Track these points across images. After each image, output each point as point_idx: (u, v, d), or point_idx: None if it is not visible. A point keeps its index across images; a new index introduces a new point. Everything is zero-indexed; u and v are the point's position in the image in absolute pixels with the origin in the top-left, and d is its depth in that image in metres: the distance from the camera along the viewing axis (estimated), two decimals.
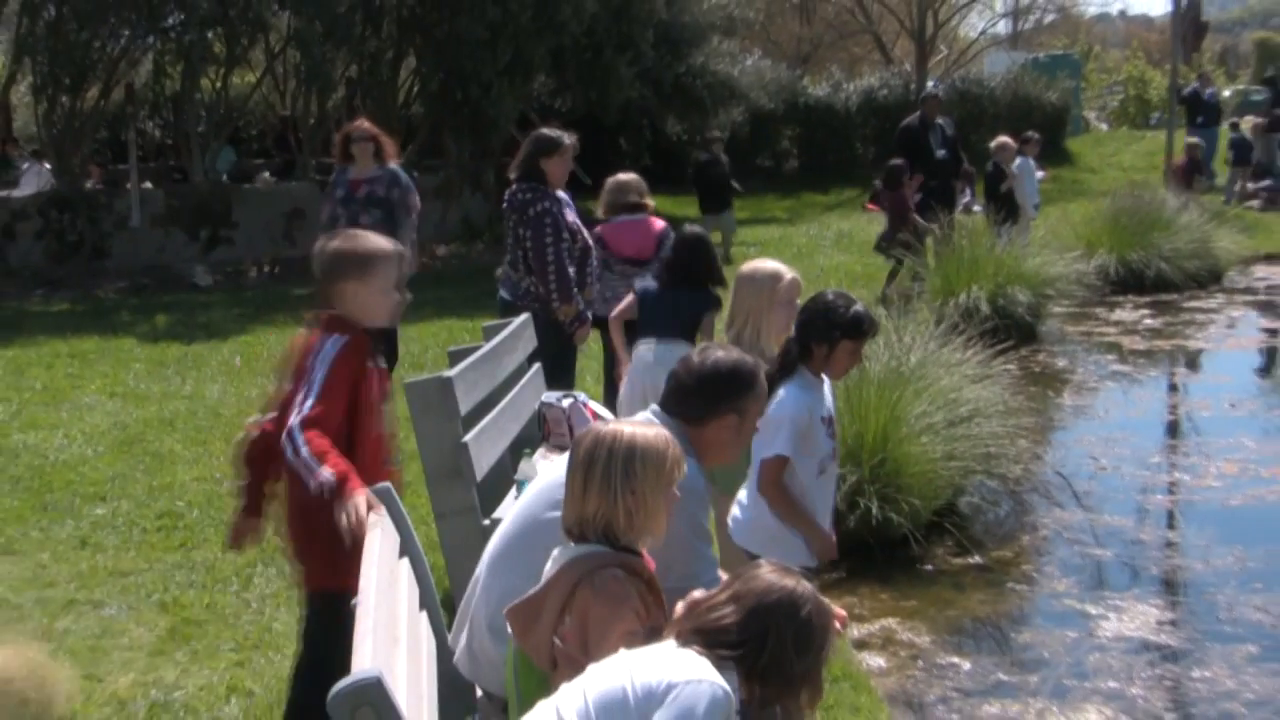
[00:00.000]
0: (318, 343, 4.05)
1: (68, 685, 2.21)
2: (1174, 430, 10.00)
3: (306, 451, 3.77)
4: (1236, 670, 5.50)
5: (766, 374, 4.30)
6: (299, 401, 3.92)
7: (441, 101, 19.64)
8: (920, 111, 15.17)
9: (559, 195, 7.45)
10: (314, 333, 4.12)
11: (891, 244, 13.67)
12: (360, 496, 3.68)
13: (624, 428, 3.17)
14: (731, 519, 4.71)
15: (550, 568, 3.12)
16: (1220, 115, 25.04)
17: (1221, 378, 11.73)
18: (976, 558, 6.91)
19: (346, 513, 3.66)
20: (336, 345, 4.02)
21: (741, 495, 4.65)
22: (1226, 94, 33.55)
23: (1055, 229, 15.85)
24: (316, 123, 20.33)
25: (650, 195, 8.29)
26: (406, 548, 3.74)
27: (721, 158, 17.90)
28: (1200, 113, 23.84)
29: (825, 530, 4.60)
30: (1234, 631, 5.91)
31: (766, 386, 3.72)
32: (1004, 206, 15.08)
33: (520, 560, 3.50)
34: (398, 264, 4.21)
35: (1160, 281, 15.35)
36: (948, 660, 5.72)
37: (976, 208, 16.68)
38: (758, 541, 4.50)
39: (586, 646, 2.95)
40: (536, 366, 6.73)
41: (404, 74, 21.54)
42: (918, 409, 7.28)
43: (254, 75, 22.64)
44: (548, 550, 3.24)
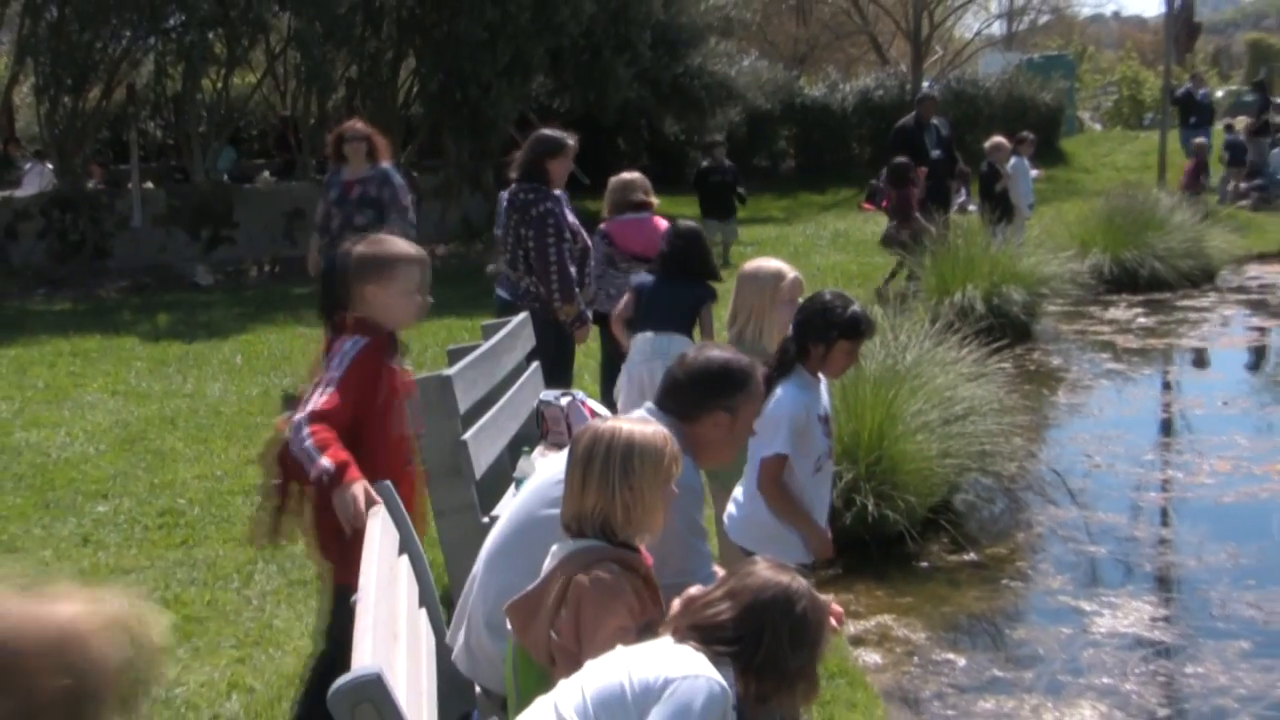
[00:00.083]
0: (340, 343, 4.11)
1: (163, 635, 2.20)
2: (1167, 428, 10.01)
3: (309, 442, 3.79)
4: (1229, 666, 5.50)
5: (764, 373, 4.30)
6: (312, 396, 3.98)
7: (441, 102, 19.62)
8: (916, 111, 15.20)
9: (559, 195, 7.45)
10: (340, 334, 4.17)
11: (894, 241, 13.68)
12: (358, 486, 3.70)
13: (622, 425, 3.17)
14: (727, 516, 4.71)
15: (549, 563, 3.12)
16: (1213, 116, 25.06)
17: (1214, 376, 11.75)
18: (972, 555, 6.91)
19: (344, 502, 3.69)
20: (356, 346, 4.08)
21: (737, 493, 4.65)
22: (1219, 95, 33.58)
23: (1050, 228, 15.84)
24: (317, 123, 20.29)
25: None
26: (406, 545, 3.74)
27: (725, 163, 17.69)
28: (1193, 113, 23.86)
29: (822, 528, 4.61)
30: (1227, 628, 5.91)
31: (763, 387, 3.71)
32: (999, 206, 15.09)
33: (517, 558, 3.50)
34: (421, 268, 4.25)
35: (1154, 280, 15.35)
36: (943, 656, 5.72)
37: (972, 207, 16.71)
38: (754, 539, 4.50)
39: (580, 640, 2.95)
40: (535, 365, 6.73)
41: (404, 74, 21.51)
42: (913, 407, 7.28)
43: (254, 76, 22.61)
44: (544, 548, 3.24)
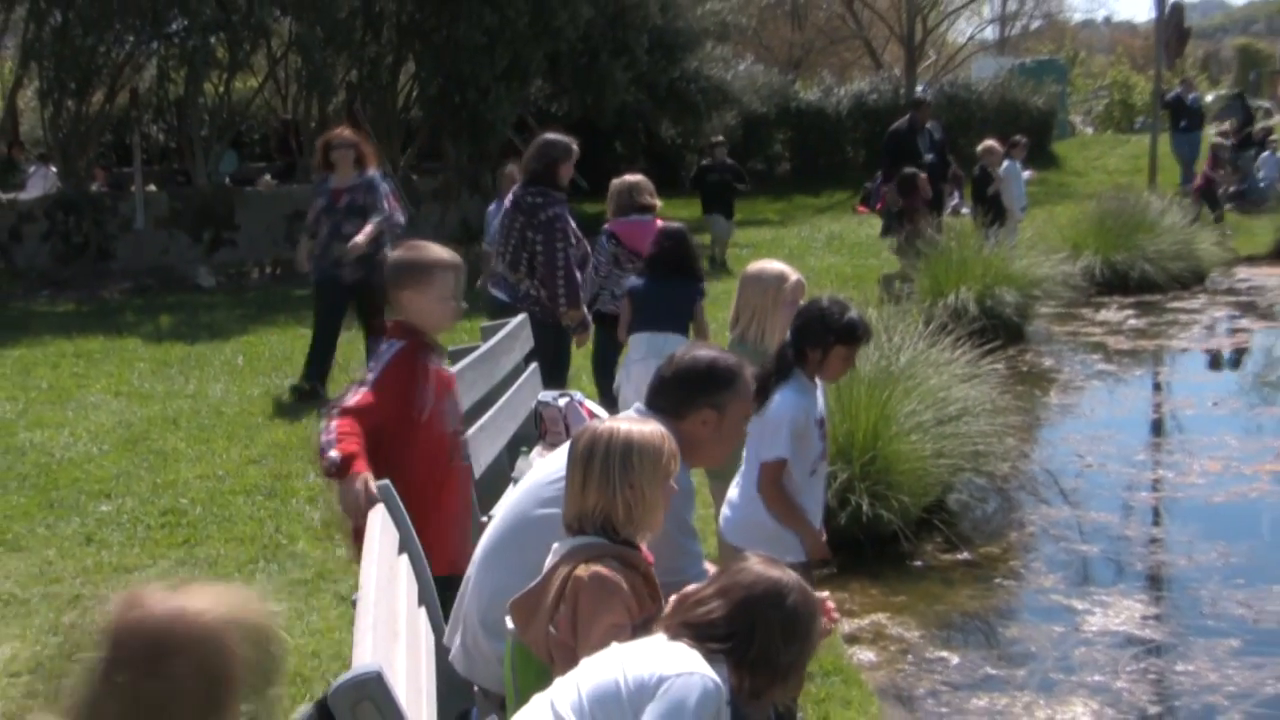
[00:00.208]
0: (379, 346, 4.30)
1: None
2: (1158, 428, 10.01)
3: (328, 436, 3.91)
4: (1219, 664, 5.50)
5: (762, 374, 4.30)
6: (347, 395, 4.12)
7: (440, 105, 19.60)
8: (910, 115, 15.17)
9: (564, 199, 7.48)
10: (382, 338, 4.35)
11: (908, 246, 13.65)
12: (360, 479, 3.78)
13: (620, 424, 3.17)
14: (722, 518, 4.70)
15: (551, 560, 3.12)
16: (1203, 120, 25.06)
17: (1204, 377, 11.75)
18: (965, 554, 6.91)
19: (345, 494, 3.79)
20: (393, 348, 4.24)
21: (732, 494, 4.63)
22: (1209, 99, 33.56)
23: (1042, 231, 15.85)
24: (318, 126, 20.24)
25: None
26: (406, 545, 3.74)
27: (725, 161, 17.75)
28: (1183, 117, 23.87)
29: (818, 531, 4.60)
30: (1217, 626, 5.92)
31: (751, 386, 3.70)
32: (991, 209, 15.09)
33: (511, 557, 3.49)
34: (456, 273, 4.38)
35: (1144, 283, 15.36)
36: (937, 654, 5.72)
37: (965, 210, 16.71)
38: (749, 539, 4.49)
39: (575, 635, 2.95)
40: (533, 366, 6.73)
41: (403, 78, 21.50)
42: (907, 407, 7.28)
43: (256, 80, 22.58)
44: (538, 547, 3.23)
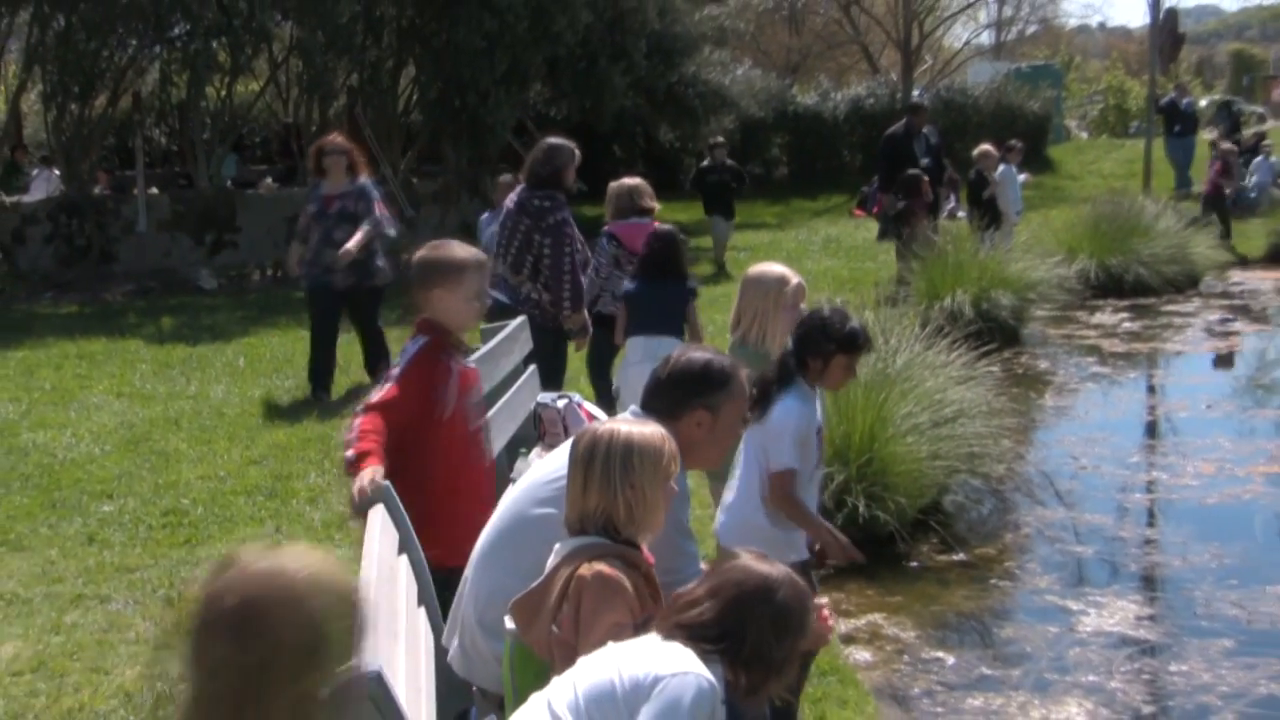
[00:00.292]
0: (406, 345, 4.38)
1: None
2: (1152, 430, 10.01)
3: (351, 434, 4.03)
4: (1213, 664, 5.50)
5: (763, 381, 4.30)
6: (375, 392, 4.24)
7: (440, 109, 19.60)
8: (906, 120, 15.12)
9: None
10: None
11: (909, 246, 13.65)
12: (366, 474, 3.85)
13: (620, 426, 3.17)
14: (718, 522, 4.68)
15: (552, 560, 3.11)
16: (1197, 124, 25.09)
17: (1198, 379, 11.75)
18: (960, 555, 6.92)
19: (351, 488, 3.89)
20: (418, 345, 4.33)
21: (727, 497, 4.62)
22: (1203, 104, 33.58)
23: (1037, 234, 15.84)
24: (318, 130, 20.21)
25: None
26: (405, 545, 3.73)
27: (725, 162, 17.62)
28: (1177, 122, 23.89)
29: (841, 535, 4.59)
30: (1210, 626, 5.92)
31: (746, 388, 3.69)
32: (987, 213, 15.09)
33: (508, 558, 3.49)
34: (482, 273, 4.49)
35: (1139, 286, 15.37)
36: (932, 654, 5.72)
37: (961, 214, 16.69)
38: (745, 542, 4.44)
39: (578, 633, 2.94)
40: (532, 368, 6.73)
41: (404, 82, 21.50)
42: (904, 410, 7.28)
43: (257, 84, 22.58)
44: (535, 547, 3.23)
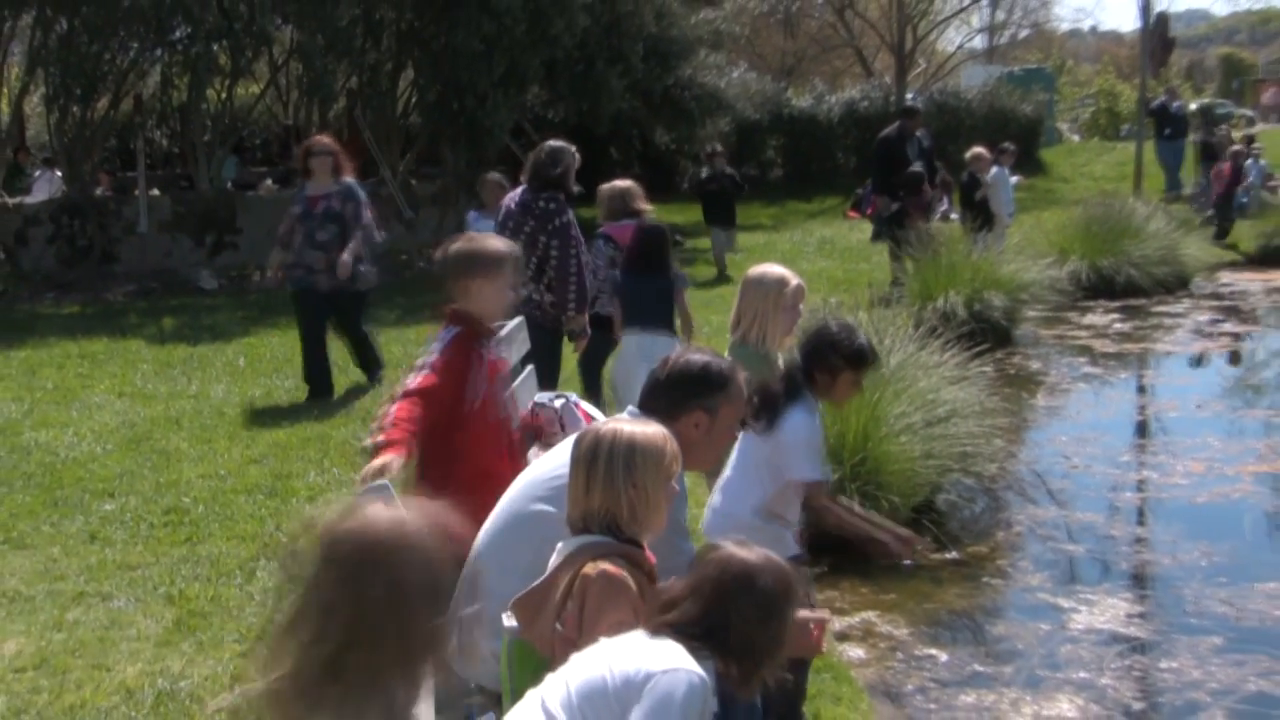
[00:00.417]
0: (439, 334, 4.50)
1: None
2: (1143, 430, 10.03)
3: (385, 420, 4.16)
4: (1202, 661, 5.51)
5: (768, 393, 4.30)
6: (410, 379, 4.35)
7: (439, 111, 19.58)
8: (899, 122, 15.07)
9: None
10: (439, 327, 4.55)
11: (906, 242, 13.66)
12: (377, 461, 3.95)
13: (623, 425, 3.16)
14: (705, 522, 4.67)
15: (555, 559, 3.11)
16: (1187, 127, 25.13)
17: (1188, 379, 11.77)
18: (953, 553, 6.92)
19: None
20: (450, 334, 4.46)
21: (714, 498, 4.61)
22: (1193, 107, 33.62)
23: (1029, 236, 15.85)
24: (318, 132, 20.25)
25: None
26: None
27: (724, 170, 17.29)
28: (1168, 125, 23.93)
29: (899, 528, 4.64)
30: (1200, 624, 5.93)
31: (744, 391, 3.70)
32: (980, 214, 15.10)
33: (506, 556, 3.49)
34: (515, 265, 4.66)
35: (1130, 287, 15.39)
36: (925, 652, 5.73)
37: (954, 216, 16.71)
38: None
39: (581, 632, 2.94)
40: (530, 369, 6.72)
41: (403, 85, 21.48)
42: (897, 409, 7.29)
43: (258, 86, 22.58)
44: (533, 544, 3.22)
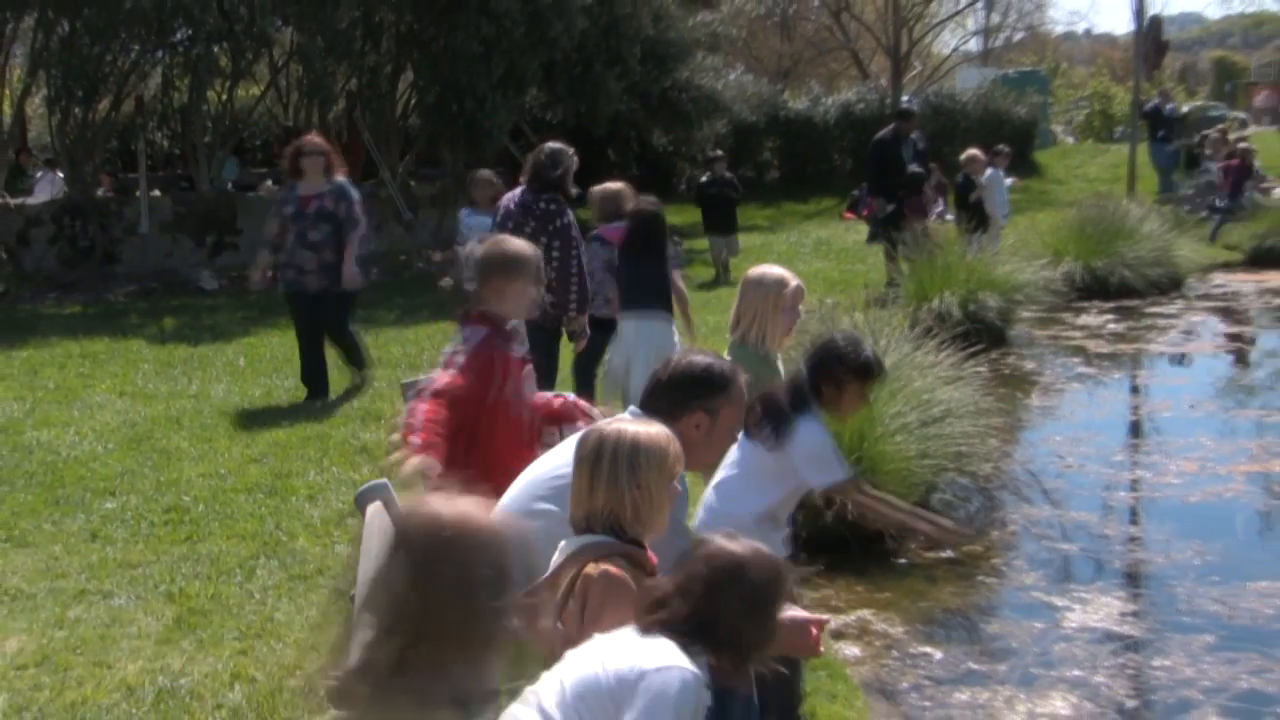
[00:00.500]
0: (464, 333, 4.52)
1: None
2: (1136, 430, 10.03)
3: (413, 419, 4.23)
4: (1195, 659, 5.51)
5: (775, 406, 4.30)
6: (438, 378, 4.40)
7: (438, 113, 19.58)
8: (894, 125, 15.07)
9: None
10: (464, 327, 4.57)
11: (905, 241, 13.67)
12: (420, 459, 4.04)
13: (626, 426, 3.16)
14: (698, 520, 4.67)
15: (557, 558, 3.11)
16: (1180, 130, 25.14)
17: (1181, 380, 11.77)
18: (948, 552, 6.91)
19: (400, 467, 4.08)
20: (478, 335, 4.47)
21: (709, 498, 4.61)
22: (1186, 109, 33.63)
23: (1024, 237, 15.87)
24: (318, 133, 20.24)
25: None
26: None
27: (724, 175, 17.06)
28: (1161, 127, 23.94)
29: (942, 519, 4.77)
30: (1193, 622, 5.93)
31: (745, 393, 3.70)
32: (975, 216, 15.12)
33: None
34: (539, 266, 4.72)
35: (1123, 288, 15.39)
36: (920, 650, 5.73)
37: (949, 217, 16.72)
38: None
39: (582, 631, 2.94)
40: (527, 368, 6.72)
41: (402, 87, 21.48)
42: (892, 409, 7.29)
43: (258, 88, 22.55)
44: (536, 541, 3.22)
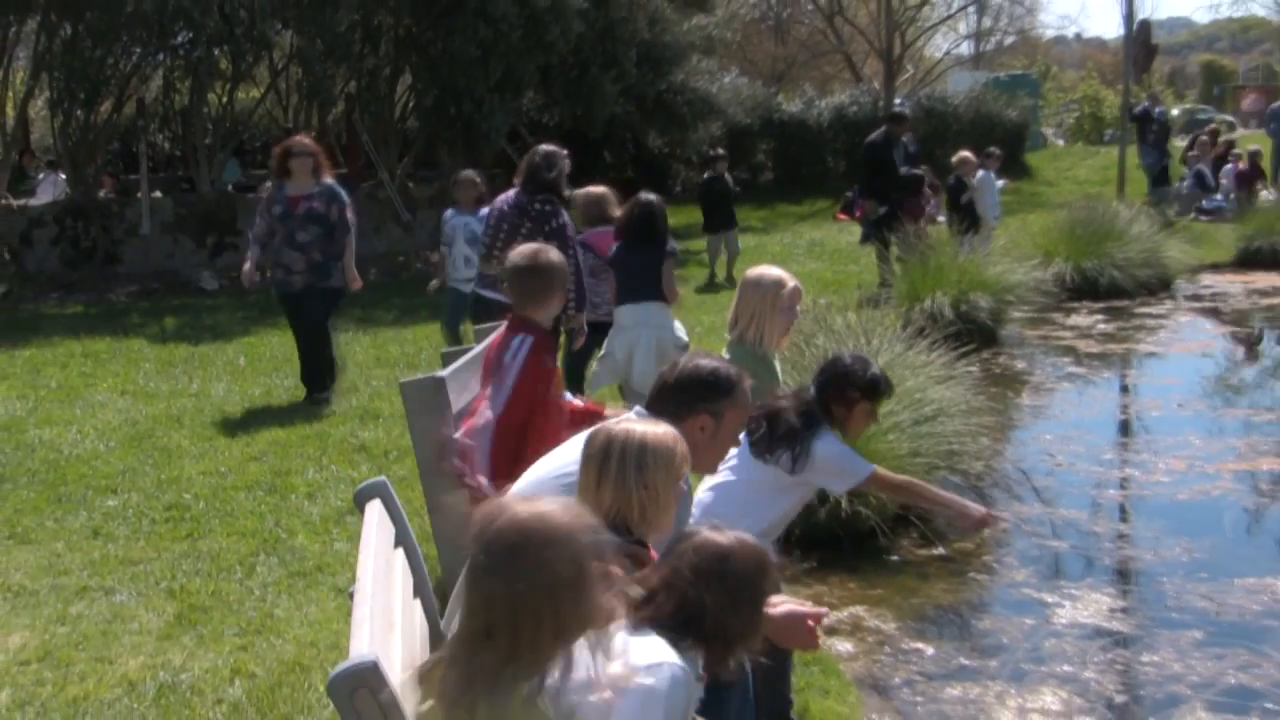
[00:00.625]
0: (511, 341, 4.47)
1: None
2: (1126, 429, 10.03)
3: (471, 450, 4.31)
4: (1183, 654, 5.52)
5: (788, 427, 4.31)
6: (494, 396, 4.39)
7: (436, 116, 19.58)
8: (885, 128, 15.07)
9: None
10: (504, 332, 4.56)
11: (888, 239, 13.67)
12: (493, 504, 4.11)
13: (634, 426, 3.16)
14: (694, 520, 4.68)
15: None
16: (1169, 133, 25.17)
17: (1170, 379, 11.76)
18: (940, 549, 6.92)
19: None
20: (525, 345, 4.41)
21: (705, 498, 4.62)
22: (1175, 113, 33.71)
23: (1015, 239, 15.87)
24: (317, 136, 20.18)
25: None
26: (401, 539, 3.73)
27: (725, 176, 17.00)
28: (1151, 130, 23.93)
29: (972, 504, 4.79)
30: (1181, 618, 5.93)
31: (750, 398, 3.71)
32: (966, 217, 15.13)
33: None
34: (566, 273, 4.79)
35: (1113, 288, 15.40)
36: (912, 645, 5.73)
37: (940, 218, 16.72)
38: None
39: None
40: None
41: (400, 89, 21.48)
42: (885, 408, 7.25)
43: (258, 91, 22.54)
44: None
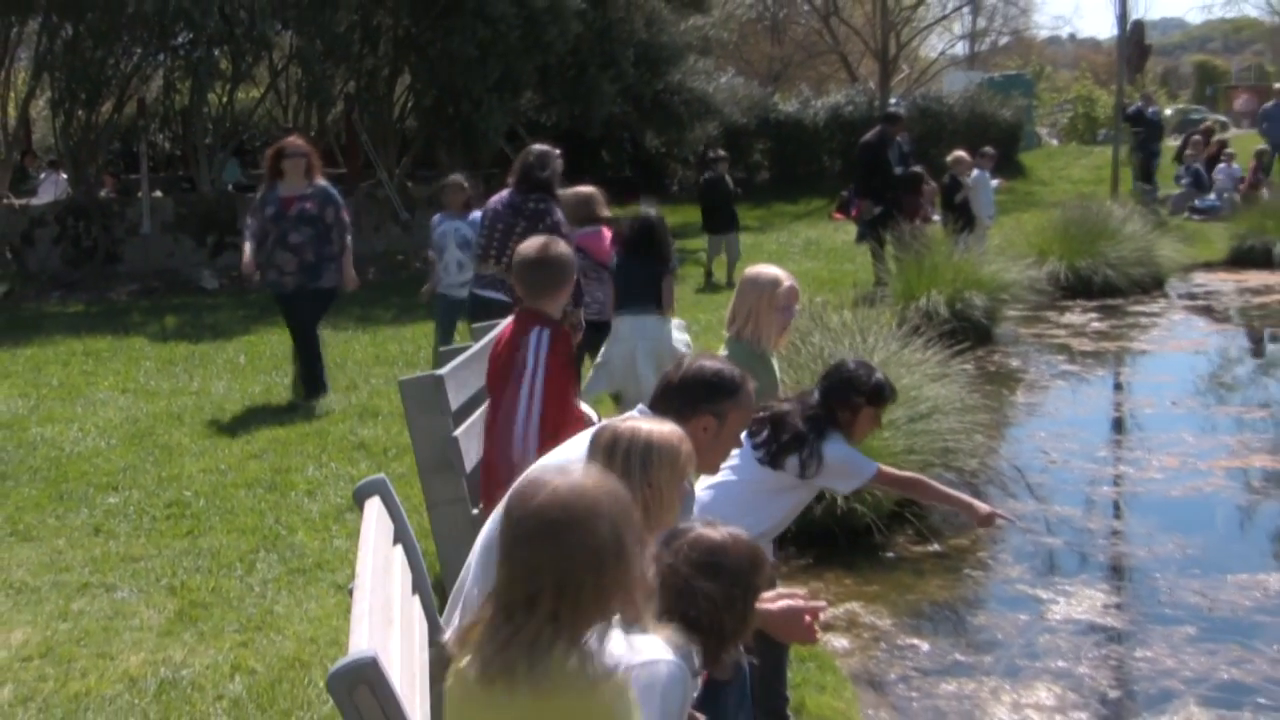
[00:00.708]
0: (527, 338, 4.40)
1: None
2: (1119, 426, 10.04)
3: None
4: (1176, 650, 5.52)
5: (795, 433, 4.31)
6: (531, 400, 4.33)
7: (434, 116, 19.57)
8: (880, 128, 15.04)
9: None
10: (514, 327, 4.48)
11: (883, 237, 13.66)
12: None
13: (640, 424, 3.15)
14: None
15: None
16: (1162, 132, 25.19)
17: (1163, 377, 11.77)
18: (935, 545, 6.93)
19: None
20: (545, 337, 4.34)
21: (704, 497, 4.63)
22: (1168, 112, 33.72)
23: (1009, 238, 15.89)
24: (317, 135, 20.24)
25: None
26: (400, 536, 3.72)
27: (726, 177, 16.85)
28: (1143, 129, 23.95)
29: (977, 501, 4.77)
30: (1174, 614, 5.94)
31: (754, 399, 3.70)
32: (961, 216, 15.12)
33: None
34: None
35: (1107, 287, 15.41)
36: (908, 641, 5.73)
37: (935, 217, 16.72)
38: None
39: None
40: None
41: (399, 90, 21.47)
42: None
43: (258, 91, 22.55)
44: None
